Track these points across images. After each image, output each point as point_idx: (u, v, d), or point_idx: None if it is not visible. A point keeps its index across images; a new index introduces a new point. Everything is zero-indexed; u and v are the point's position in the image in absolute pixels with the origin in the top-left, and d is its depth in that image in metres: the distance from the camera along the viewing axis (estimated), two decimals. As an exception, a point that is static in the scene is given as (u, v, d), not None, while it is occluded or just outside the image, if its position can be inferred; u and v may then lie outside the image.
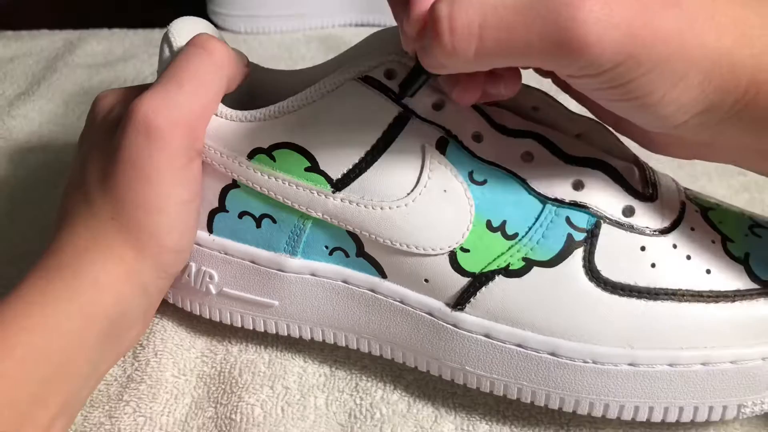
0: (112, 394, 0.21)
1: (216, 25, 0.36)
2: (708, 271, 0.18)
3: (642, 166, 0.20)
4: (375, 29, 0.21)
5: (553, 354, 0.18)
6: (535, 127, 0.19)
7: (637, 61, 0.14)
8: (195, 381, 0.21)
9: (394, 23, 0.17)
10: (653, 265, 0.18)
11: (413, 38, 0.16)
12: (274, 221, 0.20)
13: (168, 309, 0.23)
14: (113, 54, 0.38)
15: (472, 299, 0.19)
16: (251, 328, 0.22)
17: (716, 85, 0.14)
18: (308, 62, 0.38)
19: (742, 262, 0.18)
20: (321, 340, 0.21)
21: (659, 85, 0.14)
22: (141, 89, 0.20)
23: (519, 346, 0.18)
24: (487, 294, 0.18)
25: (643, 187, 0.19)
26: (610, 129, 0.20)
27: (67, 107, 0.34)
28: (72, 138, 0.32)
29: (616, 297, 0.18)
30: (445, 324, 0.19)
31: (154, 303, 0.20)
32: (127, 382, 0.21)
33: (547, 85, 0.20)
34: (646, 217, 0.18)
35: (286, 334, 0.22)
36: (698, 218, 0.19)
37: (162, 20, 0.24)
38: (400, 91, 0.18)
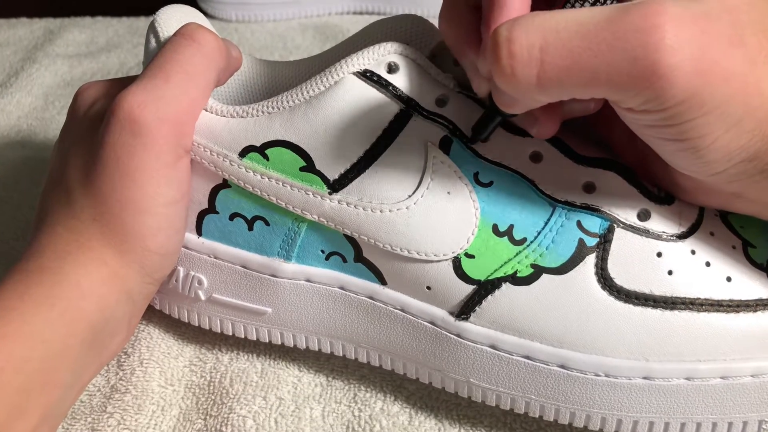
0: (95, 405, 0.20)
1: (205, 14, 0.36)
2: (728, 279, 0.18)
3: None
4: (375, 18, 0.21)
5: (563, 366, 0.18)
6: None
7: (700, 100, 0.14)
8: (183, 391, 0.21)
9: (395, 11, 0.17)
10: (670, 273, 0.18)
11: (487, 77, 0.16)
12: (267, 224, 0.20)
13: (154, 315, 0.23)
14: (96, 43, 0.38)
15: (477, 308, 0.19)
16: (243, 336, 0.22)
17: (765, 134, 0.14)
18: (303, 52, 0.38)
19: (765, 269, 0.18)
20: (317, 349, 0.21)
21: (714, 128, 0.14)
22: (126, 82, 0.20)
23: (527, 357, 0.18)
24: (493, 302, 0.18)
25: (658, 189, 0.19)
26: None
27: (47, 100, 0.34)
28: (52, 133, 0.32)
29: (630, 306, 0.18)
30: (448, 334, 0.19)
31: (139, 309, 0.20)
32: (111, 393, 0.21)
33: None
34: (662, 221, 0.18)
35: (279, 343, 0.21)
36: (718, 222, 0.19)
37: (148, 7, 0.24)
38: (472, 135, 0.18)
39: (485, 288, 0.18)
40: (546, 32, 0.14)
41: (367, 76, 0.18)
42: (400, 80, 0.18)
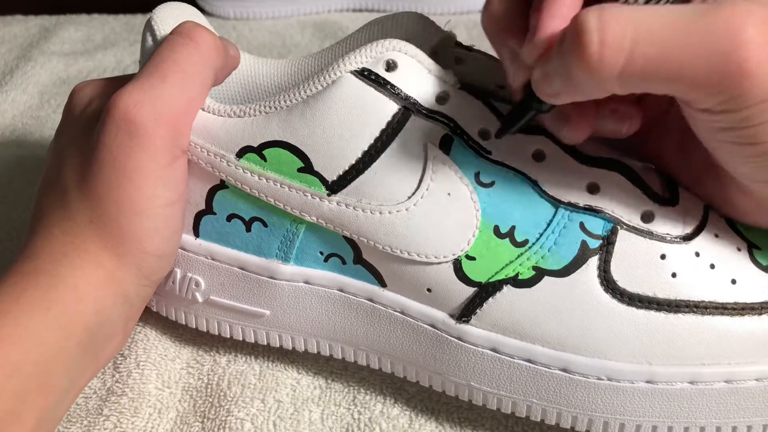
0: (91, 408, 0.20)
1: (203, 11, 0.35)
2: (733, 282, 0.18)
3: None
4: (374, 15, 0.21)
5: (564, 370, 0.18)
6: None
7: None
8: (180, 394, 0.21)
9: (395, 9, 0.17)
10: (674, 275, 0.18)
11: (530, 65, 0.16)
12: (265, 225, 0.20)
13: (151, 317, 0.23)
14: (92, 41, 0.38)
15: (478, 311, 0.19)
16: (240, 338, 0.22)
17: None
18: (302, 50, 0.38)
19: (770, 271, 0.18)
20: (316, 352, 0.21)
21: None
22: (122, 80, 0.20)
23: (528, 361, 0.18)
24: (494, 305, 0.18)
25: (663, 190, 0.19)
26: None
27: (43, 99, 0.34)
28: (48, 132, 0.32)
29: (633, 309, 0.18)
30: (448, 337, 0.19)
31: (135, 311, 0.20)
32: (107, 395, 0.21)
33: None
34: (666, 223, 0.18)
35: (278, 345, 0.21)
36: (723, 224, 0.19)
37: (145, 5, 0.24)
38: (501, 127, 0.18)
39: (486, 290, 0.18)
40: (638, 23, 0.14)
41: (365, 74, 0.18)
42: (398, 78, 0.18)
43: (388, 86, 0.18)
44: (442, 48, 0.21)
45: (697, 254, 0.18)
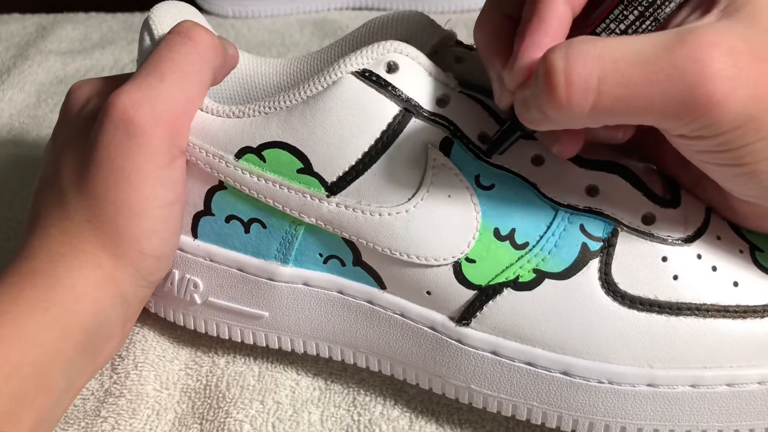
0: (89, 410, 0.20)
1: (201, 9, 0.35)
2: (735, 284, 0.18)
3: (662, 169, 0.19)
4: (374, 14, 0.21)
5: (565, 373, 0.18)
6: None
7: (757, 125, 0.14)
8: (179, 395, 0.21)
9: (395, 7, 0.17)
10: (675, 278, 0.18)
11: (512, 90, 0.16)
12: (264, 226, 0.20)
13: (149, 317, 0.23)
14: (90, 40, 0.38)
15: (478, 313, 0.19)
16: (239, 340, 0.22)
17: None
18: (302, 49, 0.38)
19: (772, 273, 0.18)
20: (315, 354, 0.21)
21: None
22: (120, 80, 0.20)
23: (529, 364, 0.18)
24: (494, 308, 0.18)
25: (664, 191, 0.19)
26: None
27: (40, 98, 0.34)
28: (45, 131, 0.32)
29: (634, 312, 0.18)
30: (448, 339, 0.19)
31: (133, 312, 0.20)
32: (105, 397, 0.21)
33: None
34: (667, 225, 0.18)
35: (276, 347, 0.21)
36: (725, 226, 0.19)
37: (142, 3, 0.24)
38: (489, 148, 0.18)
39: (486, 293, 0.18)
40: (604, 61, 0.14)
41: (366, 76, 0.18)
42: (399, 80, 0.18)
43: (389, 88, 0.18)
44: (442, 47, 0.21)
45: (699, 256, 0.18)
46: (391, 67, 0.18)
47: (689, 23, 0.15)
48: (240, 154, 0.19)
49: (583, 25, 0.16)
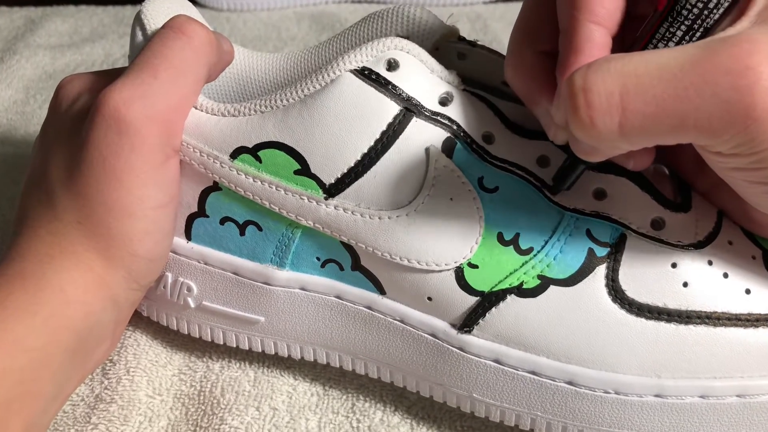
0: (79, 416, 0.20)
1: (195, 2, 0.35)
2: (747, 291, 0.18)
3: (674, 171, 0.19)
4: (373, 6, 0.21)
5: (570, 383, 0.18)
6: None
7: None
8: (172, 401, 0.21)
9: (395, 0, 0.17)
10: (685, 285, 0.18)
11: (562, 125, 0.16)
12: (260, 229, 0.20)
13: (141, 321, 0.23)
14: (80, 33, 0.38)
15: (480, 320, 0.18)
16: (234, 345, 0.22)
17: None
18: (299, 43, 0.38)
19: (786, 280, 0.18)
20: (312, 360, 0.21)
21: None
22: (111, 75, 0.20)
23: (533, 373, 0.18)
24: (497, 315, 0.18)
25: (674, 195, 0.19)
26: None
27: (28, 93, 0.34)
28: (33, 128, 0.32)
29: (642, 320, 0.18)
30: (450, 347, 0.19)
31: (125, 316, 0.20)
32: (96, 403, 0.21)
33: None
34: (677, 230, 0.18)
35: (273, 353, 0.21)
36: (737, 231, 0.19)
37: (134, -3, 0.23)
38: (554, 185, 0.18)
39: (489, 300, 0.18)
40: (625, 77, 0.14)
41: (365, 74, 0.18)
42: (400, 78, 0.18)
43: (389, 86, 0.18)
44: (444, 43, 0.21)
45: (710, 263, 0.18)
46: (392, 65, 0.18)
47: (718, 32, 0.14)
48: (235, 154, 0.19)
49: (627, 45, 0.16)
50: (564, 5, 0.16)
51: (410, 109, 0.18)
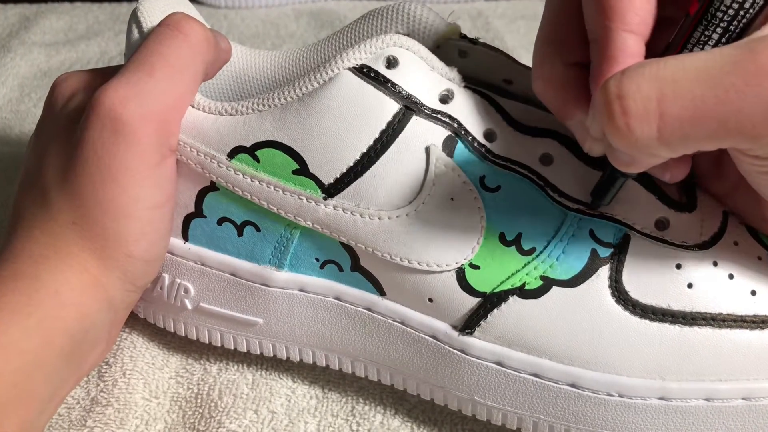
0: (74, 419, 0.20)
1: (193, -1, 0.35)
2: (753, 293, 0.18)
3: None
4: (373, 4, 0.21)
5: (573, 385, 0.18)
6: (556, 124, 0.19)
7: None
8: (169, 404, 0.21)
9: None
10: (690, 286, 0.18)
11: (598, 137, 0.16)
12: (258, 229, 0.20)
13: (138, 323, 0.23)
14: (75, 31, 0.38)
15: (482, 322, 0.18)
16: (232, 348, 0.22)
17: None
18: (298, 41, 0.38)
19: (792, 281, 0.18)
20: (311, 362, 0.21)
21: None
22: (107, 73, 0.20)
23: (535, 375, 0.18)
24: (499, 316, 0.18)
25: (679, 195, 0.19)
26: None
27: (23, 92, 0.34)
28: (28, 127, 0.32)
29: (646, 322, 0.18)
30: (451, 349, 0.19)
31: (120, 318, 0.20)
32: (92, 406, 0.21)
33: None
34: (682, 230, 0.18)
35: (271, 355, 0.21)
36: (743, 231, 0.19)
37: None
38: (593, 200, 0.18)
39: (491, 301, 0.18)
40: (661, 82, 0.14)
41: (364, 72, 0.18)
42: (399, 76, 0.18)
43: (389, 84, 0.18)
44: (445, 41, 0.21)
45: (715, 263, 0.18)
46: (391, 62, 0.18)
47: (753, 32, 0.14)
48: (233, 153, 0.19)
49: (659, 51, 0.16)
50: (594, 15, 0.16)
51: (410, 107, 0.18)
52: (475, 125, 0.19)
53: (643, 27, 0.15)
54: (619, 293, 0.18)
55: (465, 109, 0.19)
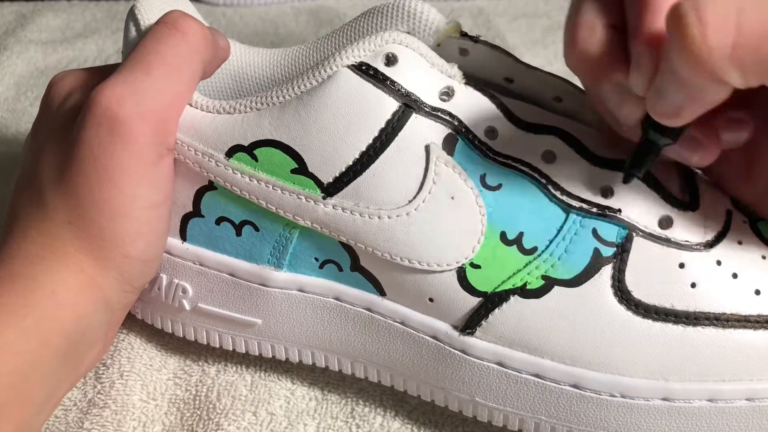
0: (71, 421, 0.20)
1: (191, -4, 0.35)
2: (757, 292, 0.18)
3: (682, 169, 0.19)
4: (374, 2, 0.21)
5: (575, 386, 0.18)
6: (559, 122, 0.19)
7: None
8: (167, 406, 0.21)
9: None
10: (693, 285, 0.18)
11: (642, 93, 0.15)
12: (257, 229, 0.20)
13: (136, 324, 0.23)
14: (72, 29, 0.38)
15: (483, 322, 0.18)
16: (231, 348, 0.22)
17: None
18: (297, 39, 0.38)
19: (797, 280, 0.18)
20: (310, 363, 0.21)
21: None
22: (104, 71, 0.20)
23: (537, 376, 0.18)
24: (500, 316, 0.18)
25: (682, 193, 0.19)
26: None
27: (19, 90, 0.34)
28: (24, 126, 0.32)
29: (649, 322, 0.18)
30: (452, 350, 0.19)
31: (117, 319, 0.20)
32: (89, 408, 0.21)
33: (570, 73, 0.20)
34: (685, 229, 0.18)
35: (270, 356, 0.21)
36: (747, 230, 0.19)
37: (128, -8, 0.23)
38: (627, 173, 0.17)
39: (492, 301, 0.18)
40: None
41: (363, 69, 0.18)
42: (399, 73, 0.18)
43: (388, 82, 0.18)
44: (445, 38, 0.21)
45: (719, 263, 0.18)
46: (390, 60, 0.18)
47: None
48: (231, 152, 0.19)
49: None
50: None
51: (410, 105, 0.18)
52: (475, 123, 0.19)
53: None
54: (622, 293, 0.18)
55: (465, 107, 0.19)
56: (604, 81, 0.17)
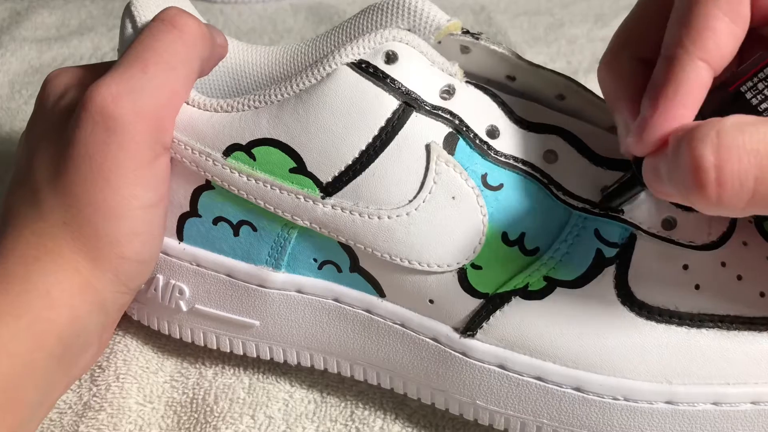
0: (66, 424, 0.20)
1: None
2: (762, 294, 0.18)
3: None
4: (374, -1, 0.21)
5: (578, 389, 0.18)
6: (561, 120, 0.19)
7: None
8: (163, 409, 0.21)
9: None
10: (697, 287, 0.18)
11: (642, 153, 0.15)
12: (255, 229, 0.20)
13: (132, 326, 0.23)
14: (67, 26, 0.38)
15: (484, 324, 0.18)
16: (228, 350, 0.22)
17: None
18: (295, 36, 0.38)
19: (802, 282, 0.18)
20: (309, 365, 0.21)
21: None
22: (100, 69, 0.20)
23: (538, 379, 0.18)
24: (501, 318, 0.18)
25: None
26: None
27: (14, 88, 0.34)
28: (19, 125, 0.32)
29: (652, 323, 0.18)
30: (452, 352, 0.19)
31: (112, 321, 0.20)
32: (84, 410, 0.21)
33: (572, 70, 0.20)
34: (689, 230, 0.18)
35: (268, 358, 0.21)
36: (752, 230, 0.19)
37: (124, -12, 0.23)
38: (604, 199, 0.18)
39: (493, 302, 0.18)
40: (762, 158, 0.13)
41: (363, 67, 0.18)
42: (399, 71, 0.18)
43: (388, 80, 0.18)
44: (446, 36, 0.21)
45: (723, 264, 0.18)
46: (390, 57, 0.18)
47: None
48: (228, 151, 0.19)
49: (720, 77, 0.15)
50: (675, 31, 0.15)
51: (410, 103, 0.18)
52: (477, 122, 0.19)
53: (719, 61, 0.15)
54: (625, 294, 0.18)
55: (467, 105, 0.19)
56: (614, 110, 0.17)
